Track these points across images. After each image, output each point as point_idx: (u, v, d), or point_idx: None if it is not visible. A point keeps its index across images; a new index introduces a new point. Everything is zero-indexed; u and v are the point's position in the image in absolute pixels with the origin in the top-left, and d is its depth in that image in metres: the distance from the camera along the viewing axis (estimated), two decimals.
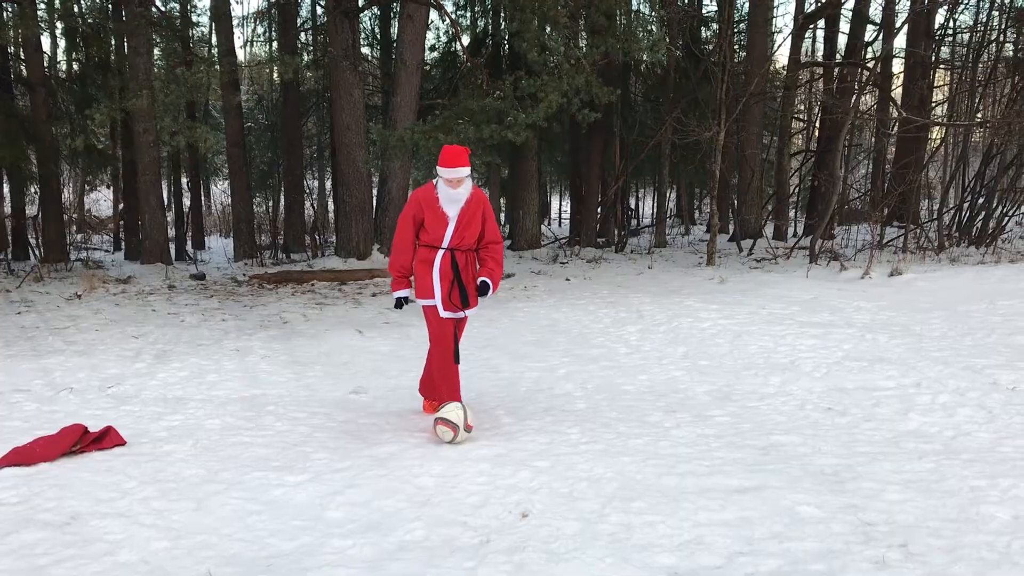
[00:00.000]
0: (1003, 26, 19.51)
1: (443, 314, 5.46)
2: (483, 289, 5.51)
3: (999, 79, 19.38)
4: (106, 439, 5.16)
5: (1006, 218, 15.96)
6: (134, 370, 7.35)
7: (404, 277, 5.65)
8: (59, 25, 18.07)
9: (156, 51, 17.33)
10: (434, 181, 5.45)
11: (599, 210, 20.05)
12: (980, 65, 19.41)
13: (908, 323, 8.65)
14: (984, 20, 19.19)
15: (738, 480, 4.44)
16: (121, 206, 20.11)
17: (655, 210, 21.45)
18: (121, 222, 20.03)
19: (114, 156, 19.34)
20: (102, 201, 28.32)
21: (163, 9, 16.48)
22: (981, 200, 16.40)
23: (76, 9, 17.63)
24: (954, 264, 12.89)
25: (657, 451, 5.00)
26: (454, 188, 5.32)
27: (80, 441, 5.04)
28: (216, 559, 3.62)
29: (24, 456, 4.83)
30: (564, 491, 4.33)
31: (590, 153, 19.19)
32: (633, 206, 27.44)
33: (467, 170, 5.36)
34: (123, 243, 19.42)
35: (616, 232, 19.86)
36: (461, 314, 5.57)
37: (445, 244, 5.44)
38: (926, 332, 8.18)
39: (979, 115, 18.97)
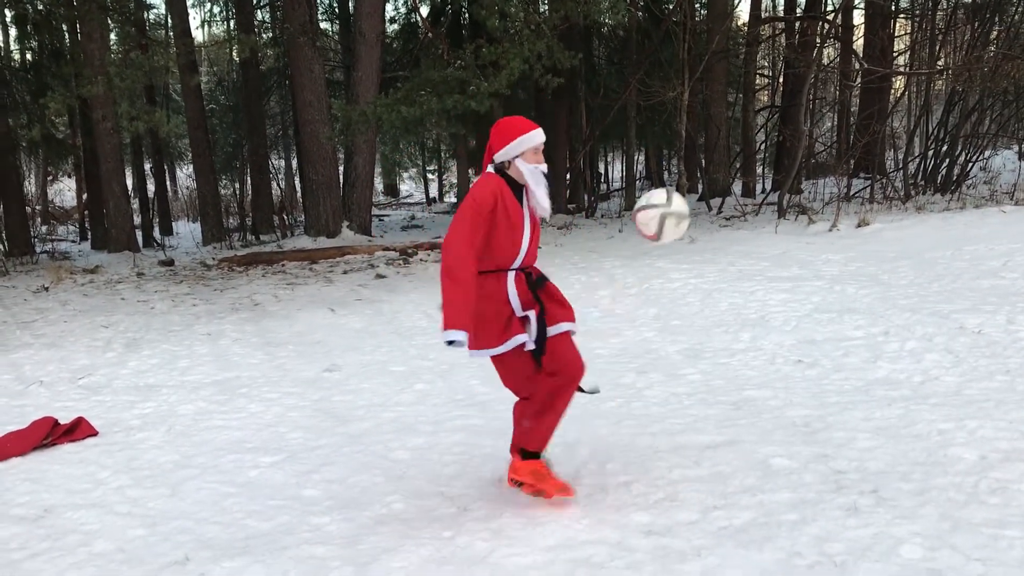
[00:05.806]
0: None
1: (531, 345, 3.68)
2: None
3: (958, 26, 19.46)
4: (78, 430, 5.13)
5: (970, 164, 16.09)
6: (105, 360, 7.29)
7: (466, 294, 3.45)
8: (8, 13, 17.68)
9: (111, 36, 17.02)
10: (490, 170, 3.74)
11: (568, 176, 20.01)
12: (939, 12, 19.48)
13: (876, 273, 8.73)
14: None
15: (711, 436, 4.49)
16: (84, 195, 19.83)
17: (624, 173, 21.44)
18: (86, 211, 19.75)
19: (74, 145, 19.03)
20: (66, 191, 27.92)
21: None
22: (945, 148, 16.53)
23: None
24: (920, 212, 13.00)
25: (631, 412, 5.04)
26: (542, 161, 3.73)
27: (51, 434, 5.02)
28: (193, 543, 3.62)
29: None
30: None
31: (556, 119, 19.10)
32: (602, 170, 27.40)
33: None
34: (89, 232, 19.17)
35: (586, 197, 19.83)
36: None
37: (518, 262, 3.71)
38: (894, 281, 8.27)
39: (940, 63, 19.03)
